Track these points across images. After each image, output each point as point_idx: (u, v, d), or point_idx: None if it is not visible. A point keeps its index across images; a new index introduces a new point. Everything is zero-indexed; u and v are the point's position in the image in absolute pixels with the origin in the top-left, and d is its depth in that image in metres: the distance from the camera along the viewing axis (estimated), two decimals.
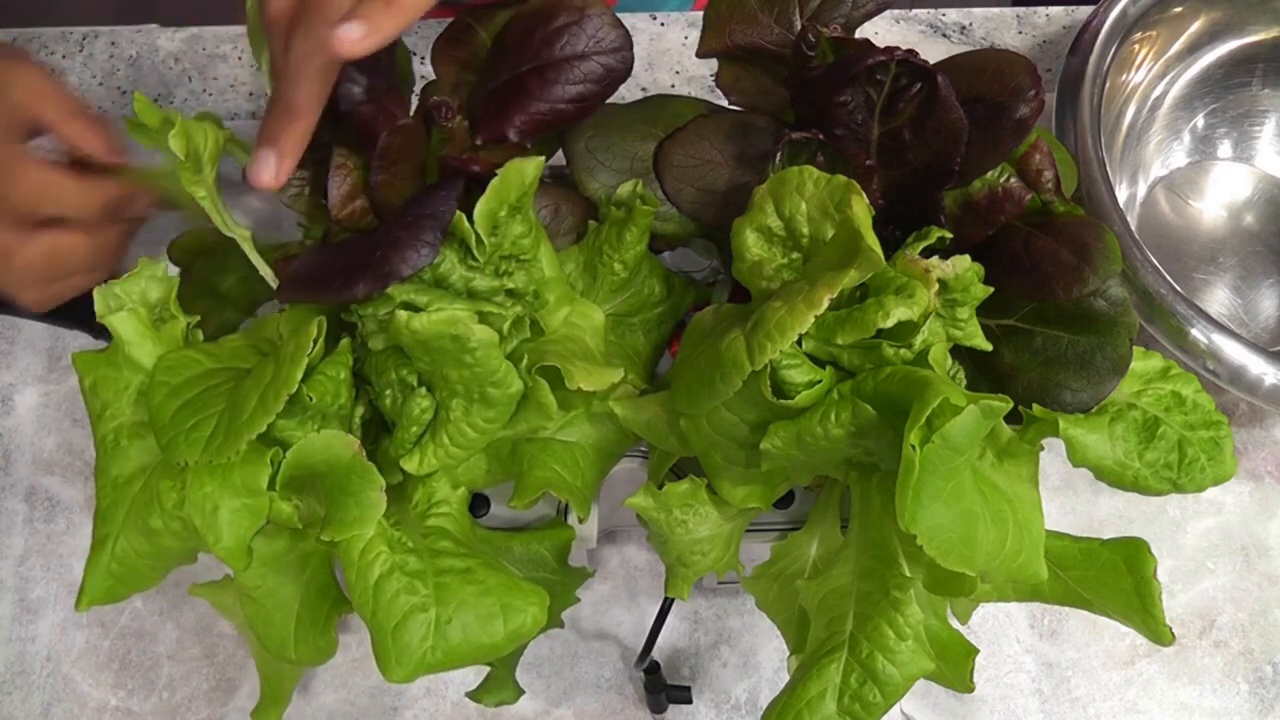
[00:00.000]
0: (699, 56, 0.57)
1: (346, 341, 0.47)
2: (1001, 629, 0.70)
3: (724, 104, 0.56)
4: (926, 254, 0.47)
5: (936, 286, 0.45)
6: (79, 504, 0.71)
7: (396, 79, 0.53)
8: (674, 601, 0.57)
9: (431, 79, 0.56)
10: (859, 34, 0.53)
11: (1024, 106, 0.48)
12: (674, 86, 0.82)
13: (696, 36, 0.72)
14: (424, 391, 0.47)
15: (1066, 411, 0.49)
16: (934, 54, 0.50)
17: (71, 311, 0.76)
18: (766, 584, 0.54)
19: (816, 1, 0.55)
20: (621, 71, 0.52)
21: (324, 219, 0.51)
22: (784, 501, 0.56)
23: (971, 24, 0.86)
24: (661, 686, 0.64)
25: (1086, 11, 0.74)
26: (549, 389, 0.47)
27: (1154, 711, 0.69)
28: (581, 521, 0.54)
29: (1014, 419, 0.48)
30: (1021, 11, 0.86)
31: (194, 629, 0.69)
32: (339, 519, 0.45)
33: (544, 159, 0.49)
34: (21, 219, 0.52)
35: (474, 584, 0.45)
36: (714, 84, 0.57)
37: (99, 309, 0.48)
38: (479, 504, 0.55)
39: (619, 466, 0.55)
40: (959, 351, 0.49)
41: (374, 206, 0.50)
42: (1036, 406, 0.48)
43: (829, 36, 0.50)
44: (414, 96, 0.56)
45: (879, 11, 0.55)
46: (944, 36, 0.86)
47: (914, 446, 0.40)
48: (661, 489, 0.51)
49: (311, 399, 0.44)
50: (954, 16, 0.86)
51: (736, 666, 0.69)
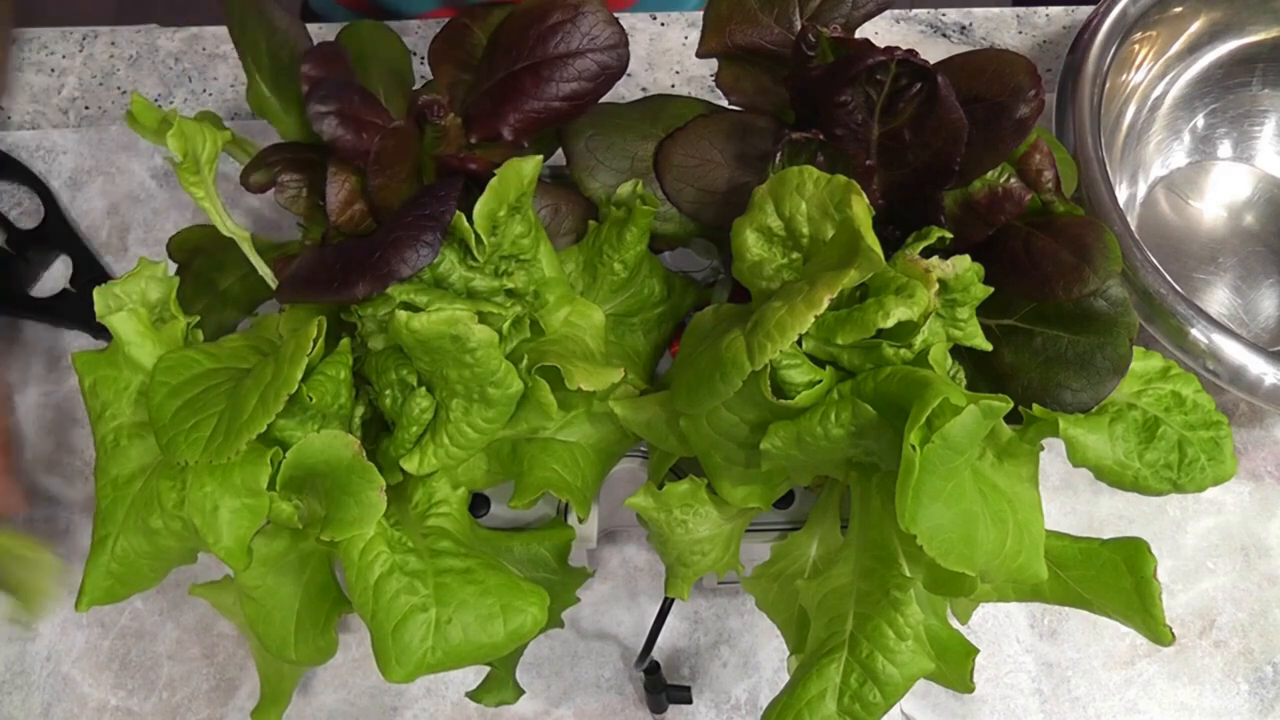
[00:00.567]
0: (699, 57, 0.57)
1: (346, 341, 0.47)
2: (1001, 629, 0.70)
3: (724, 104, 0.56)
4: (926, 254, 0.47)
5: (936, 286, 0.45)
6: (79, 504, 0.71)
7: (357, 82, 0.53)
8: (674, 601, 0.57)
9: (430, 79, 0.56)
10: (859, 34, 0.53)
11: (1024, 106, 0.48)
12: (674, 86, 0.82)
13: (696, 36, 0.72)
14: (424, 391, 0.47)
15: (1066, 411, 0.49)
16: (934, 54, 0.50)
17: (71, 311, 0.76)
18: (766, 584, 0.54)
19: (817, 2, 0.55)
20: (616, 69, 0.52)
21: (323, 220, 0.50)
22: (784, 501, 0.56)
23: (971, 24, 0.86)
24: (661, 686, 0.64)
25: (1086, 11, 0.74)
26: (549, 389, 0.47)
27: (1154, 711, 0.69)
28: (581, 521, 0.54)
29: (1014, 419, 0.48)
30: (1021, 11, 0.86)
31: (194, 629, 0.69)
32: (339, 519, 0.45)
33: (542, 158, 0.49)
34: None
35: (474, 584, 0.45)
36: (714, 84, 0.57)
37: (99, 309, 0.47)
38: (479, 504, 0.55)
39: (619, 466, 0.55)
40: (959, 351, 0.49)
41: (373, 210, 0.50)
42: (1036, 406, 0.48)
43: (829, 37, 0.50)
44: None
45: (879, 11, 0.55)
46: (944, 36, 0.86)
47: (914, 446, 0.40)
48: (661, 489, 0.51)
49: (311, 399, 0.44)
50: (954, 16, 0.86)
51: (736, 666, 0.69)
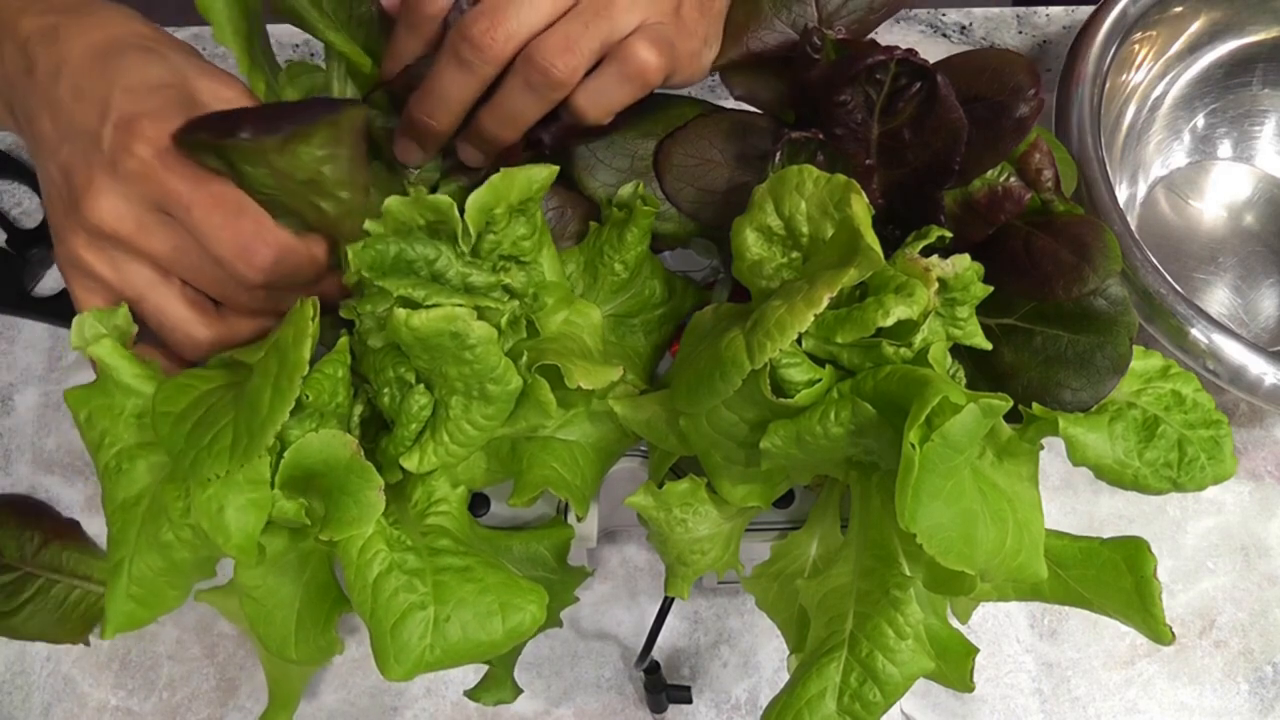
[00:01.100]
0: (717, 69, 0.56)
1: (344, 340, 0.47)
2: (1001, 629, 0.70)
3: (724, 104, 0.56)
4: (926, 253, 0.47)
5: (936, 285, 0.45)
6: (79, 504, 0.71)
7: None
8: (674, 601, 0.57)
9: None
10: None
11: (1023, 106, 0.48)
12: None
13: None
14: (422, 389, 0.47)
15: (1066, 410, 0.49)
16: (934, 54, 0.50)
17: (71, 311, 0.76)
18: (766, 583, 0.54)
19: (832, 6, 0.55)
20: None
21: None
22: (784, 501, 0.56)
23: (971, 24, 0.86)
24: (661, 686, 0.64)
25: (1086, 11, 0.74)
26: (548, 387, 0.47)
27: (1154, 711, 0.69)
28: (581, 520, 0.54)
29: (1014, 418, 0.48)
30: (1021, 11, 0.86)
31: (194, 629, 0.69)
32: (337, 518, 0.45)
33: (557, 169, 0.49)
34: (207, 300, 0.48)
35: (473, 582, 0.45)
36: (714, 83, 0.56)
37: (74, 343, 0.46)
38: (479, 503, 0.55)
39: (619, 466, 0.55)
40: (959, 350, 0.49)
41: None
42: (1036, 405, 0.48)
43: (834, 39, 0.50)
44: None
45: (891, 14, 0.55)
46: (944, 36, 0.86)
47: (914, 445, 0.40)
48: (661, 488, 0.51)
49: (308, 397, 0.44)
50: (954, 16, 0.86)
51: (736, 666, 0.69)
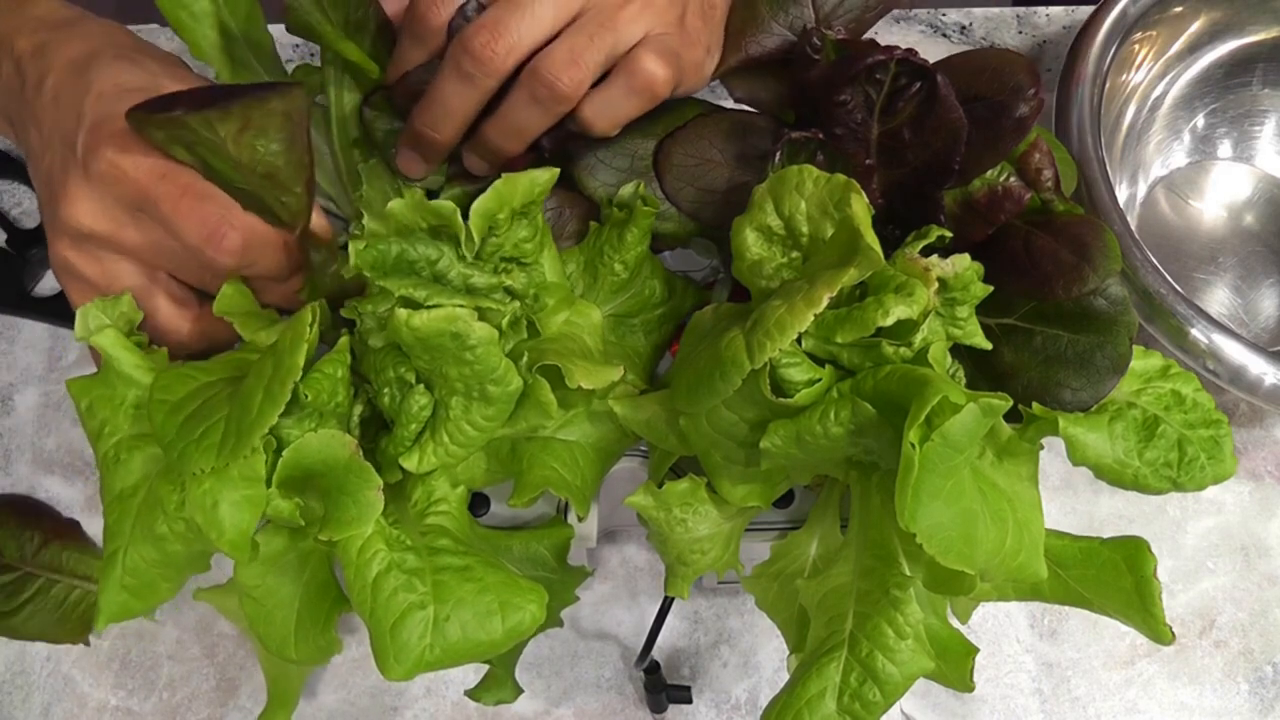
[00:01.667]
0: (718, 77, 0.56)
1: (345, 339, 0.47)
2: (1001, 629, 0.70)
3: (724, 104, 0.56)
4: (926, 253, 0.47)
5: (936, 285, 0.45)
6: (79, 504, 0.71)
7: None
8: (674, 601, 0.57)
9: None
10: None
11: (1023, 105, 0.48)
12: None
13: None
14: (423, 389, 0.47)
15: (1066, 410, 0.49)
16: (934, 54, 0.50)
17: (71, 311, 0.76)
18: (766, 583, 0.54)
19: (828, 5, 0.55)
20: None
21: None
22: (784, 501, 0.56)
23: (971, 24, 0.86)
24: (661, 686, 0.64)
25: (1086, 11, 0.74)
26: (549, 387, 0.47)
27: (1154, 711, 0.69)
28: (581, 520, 0.54)
29: (1014, 418, 0.48)
30: (1021, 11, 0.86)
31: (194, 629, 0.69)
32: (337, 518, 0.45)
33: (559, 170, 0.49)
34: (188, 291, 0.49)
35: (472, 581, 0.45)
36: (714, 83, 0.56)
37: (78, 333, 0.47)
38: (479, 503, 0.55)
39: (619, 466, 0.55)
40: (959, 350, 0.49)
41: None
42: (1036, 405, 0.48)
43: (833, 39, 0.50)
44: None
45: (886, 12, 0.55)
46: (944, 36, 0.86)
47: (913, 445, 0.40)
48: (661, 488, 0.51)
49: (307, 397, 0.44)
50: (954, 16, 0.86)
51: (736, 666, 0.69)
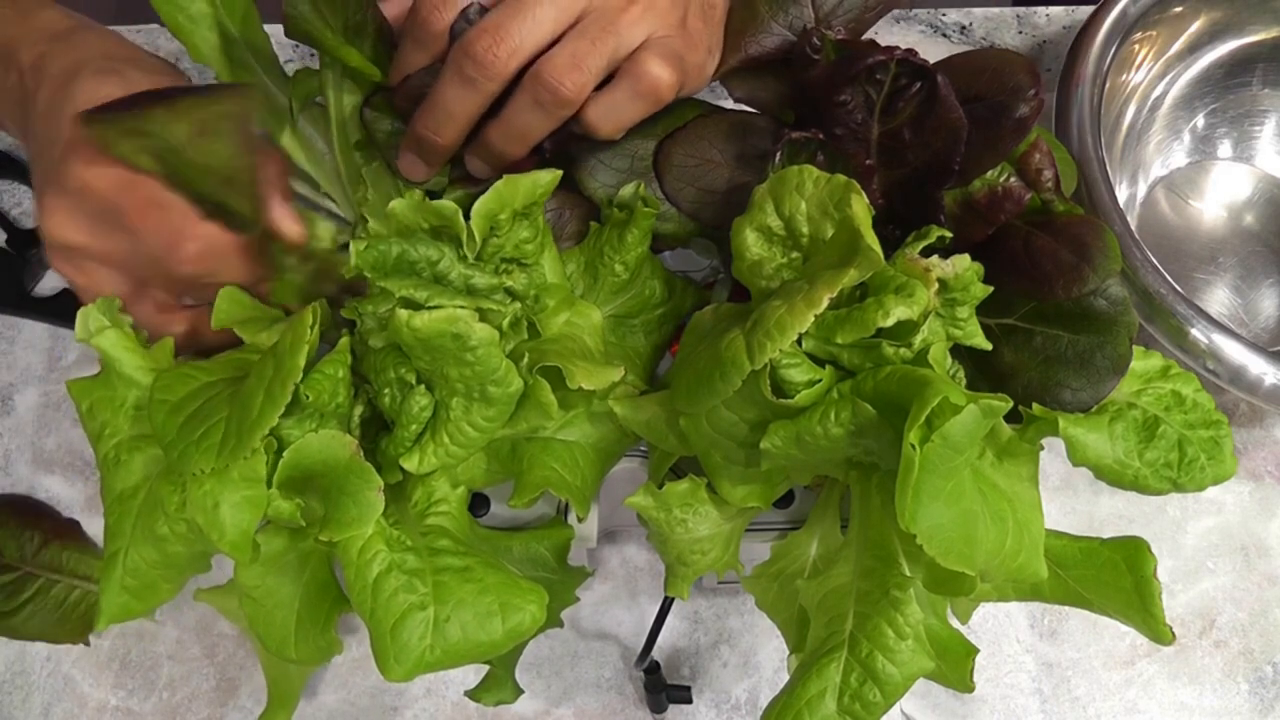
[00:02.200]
0: (718, 78, 0.56)
1: (345, 340, 0.47)
2: (1001, 629, 0.70)
3: (724, 104, 0.56)
4: (926, 253, 0.47)
5: (936, 286, 0.45)
6: (79, 504, 0.71)
7: None
8: (674, 601, 0.57)
9: None
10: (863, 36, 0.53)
11: (1024, 106, 0.48)
12: None
13: None
14: (423, 390, 0.47)
15: (1066, 411, 0.49)
16: (934, 54, 0.50)
17: (71, 311, 0.76)
18: (766, 583, 0.54)
19: (828, 6, 0.55)
20: None
21: None
22: (784, 501, 0.56)
23: (971, 24, 0.86)
24: (661, 686, 0.64)
25: (1086, 11, 0.74)
26: (549, 388, 0.47)
27: (1154, 711, 0.69)
28: (581, 521, 0.54)
29: (1014, 418, 0.48)
30: (1021, 11, 0.86)
31: (194, 629, 0.69)
32: (337, 519, 0.45)
33: (561, 172, 0.49)
34: (169, 296, 0.50)
35: (472, 582, 0.45)
36: (714, 83, 0.56)
37: (79, 334, 0.47)
38: (479, 503, 0.55)
39: (619, 466, 0.55)
40: (959, 351, 0.49)
41: None
42: (1036, 406, 0.48)
43: (833, 39, 0.50)
44: None
45: (886, 12, 0.55)
46: (944, 36, 0.86)
47: (914, 446, 0.40)
48: (661, 488, 0.51)
49: (308, 397, 0.44)
50: (954, 16, 0.86)
51: (736, 666, 0.69)
